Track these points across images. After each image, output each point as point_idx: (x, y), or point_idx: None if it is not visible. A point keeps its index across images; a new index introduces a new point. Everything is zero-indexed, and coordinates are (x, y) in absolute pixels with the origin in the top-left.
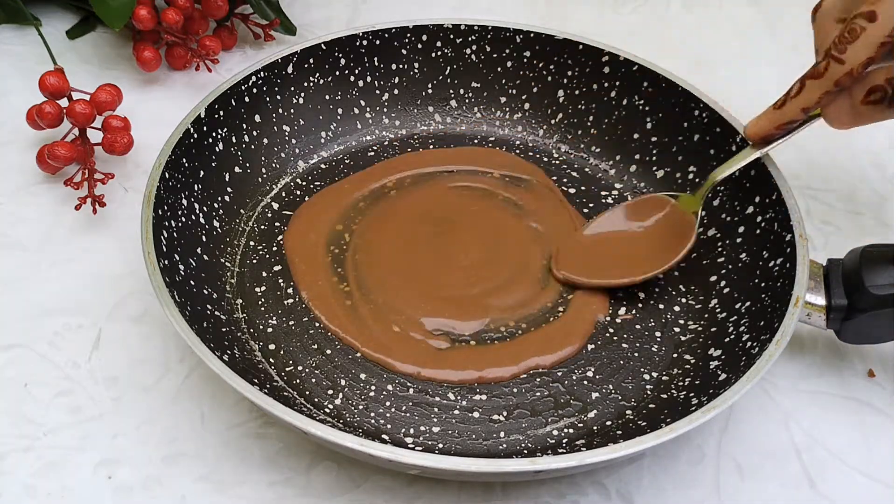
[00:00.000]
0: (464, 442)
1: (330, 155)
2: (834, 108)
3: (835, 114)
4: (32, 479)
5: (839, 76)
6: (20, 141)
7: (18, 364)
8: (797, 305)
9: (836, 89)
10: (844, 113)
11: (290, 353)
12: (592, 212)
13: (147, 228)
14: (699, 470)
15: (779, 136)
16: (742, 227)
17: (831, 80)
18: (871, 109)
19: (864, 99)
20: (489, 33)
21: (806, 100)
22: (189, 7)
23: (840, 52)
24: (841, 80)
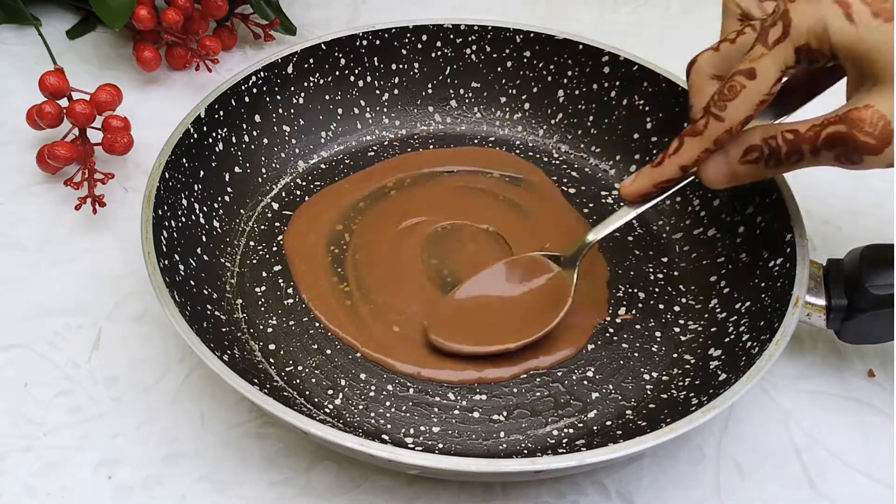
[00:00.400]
0: (464, 442)
1: (330, 155)
2: (711, 166)
3: (712, 173)
4: (32, 479)
5: (719, 134)
6: (20, 141)
7: (18, 364)
8: (797, 305)
9: (715, 148)
10: (721, 172)
11: (290, 353)
12: (592, 212)
13: (147, 228)
14: (699, 470)
15: (656, 194)
16: (742, 227)
17: (710, 138)
18: (748, 169)
19: (741, 158)
20: (489, 33)
21: (685, 158)
22: (189, 7)
23: (720, 109)
24: (720, 138)
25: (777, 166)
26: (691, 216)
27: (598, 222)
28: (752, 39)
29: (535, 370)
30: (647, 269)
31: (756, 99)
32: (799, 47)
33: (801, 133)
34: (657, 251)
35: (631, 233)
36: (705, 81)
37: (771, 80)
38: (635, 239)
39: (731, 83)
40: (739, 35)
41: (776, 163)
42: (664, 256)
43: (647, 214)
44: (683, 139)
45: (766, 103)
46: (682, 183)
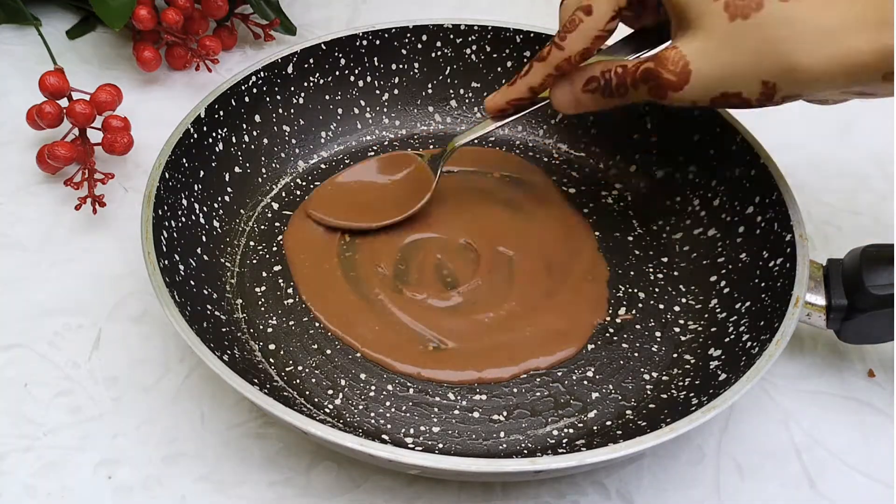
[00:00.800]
0: (464, 442)
1: (330, 155)
2: (558, 91)
3: (559, 98)
4: (32, 479)
5: (558, 61)
6: (20, 141)
7: (18, 364)
8: (797, 305)
9: (557, 73)
10: (567, 99)
11: (290, 353)
12: (592, 212)
13: (147, 228)
14: (699, 470)
15: (511, 111)
16: (742, 227)
17: (552, 64)
18: (589, 98)
19: (583, 87)
20: (489, 33)
21: (532, 80)
22: (189, 7)
23: (561, 39)
24: (560, 65)
25: (611, 97)
26: (691, 216)
27: (599, 223)
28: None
29: (535, 370)
30: (647, 269)
31: (592, 33)
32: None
33: (627, 68)
34: (657, 251)
35: (631, 233)
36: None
37: (605, 16)
38: (635, 239)
39: (572, 17)
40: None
41: (609, 93)
42: (664, 256)
43: (647, 214)
44: (532, 64)
45: (603, 39)
46: (536, 105)
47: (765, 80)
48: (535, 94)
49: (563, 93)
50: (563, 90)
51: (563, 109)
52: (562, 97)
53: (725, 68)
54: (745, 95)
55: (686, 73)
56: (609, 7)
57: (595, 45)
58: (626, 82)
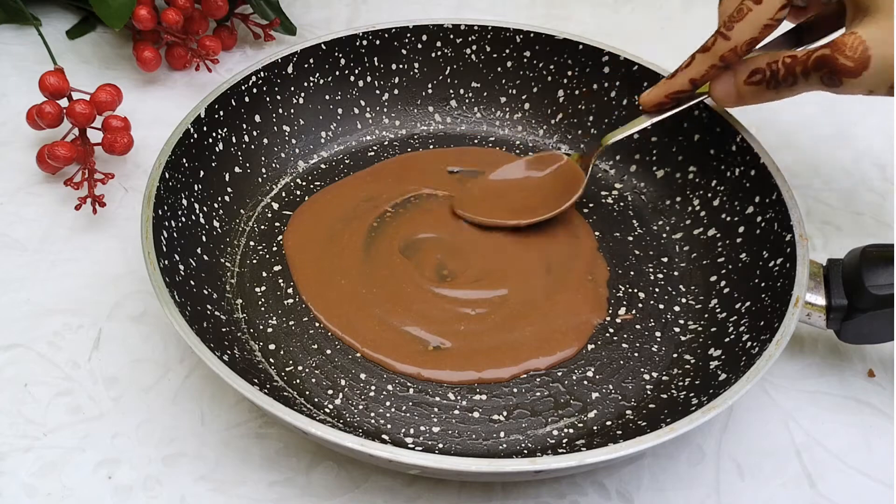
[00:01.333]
0: (464, 442)
1: (330, 155)
2: (720, 84)
3: (720, 91)
4: (32, 479)
5: (724, 52)
6: (20, 141)
7: (18, 364)
8: (797, 305)
9: (722, 64)
10: (728, 91)
11: (290, 353)
12: (592, 212)
13: (147, 228)
14: (699, 470)
15: (670, 105)
16: (742, 227)
17: (717, 54)
18: (752, 90)
19: (746, 79)
20: (489, 33)
21: (694, 72)
22: (189, 7)
23: (728, 29)
24: (726, 55)
25: (777, 88)
26: (691, 216)
27: (599, 223)
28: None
29: (535, 370)
30: (647, 269)
31: (760, 22)
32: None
33: (797, 57)
34: (657, 251)
35: (631, 233)
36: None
37: (775, 6)
38: (635, 239)
39: (740, 6)
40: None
41: (776, 84)
42: (664, 256)
43: (647, 214)
44: (694, 56)
45: (771, 28)
46: (695, 100)
47: None
48: (696, 87)
49: (724, 85)
50: (725, 83)
51: (724, 103)
52: (723, 90)
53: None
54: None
55: (865, 59)
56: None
57: (763, 34)
58: (797, 71)
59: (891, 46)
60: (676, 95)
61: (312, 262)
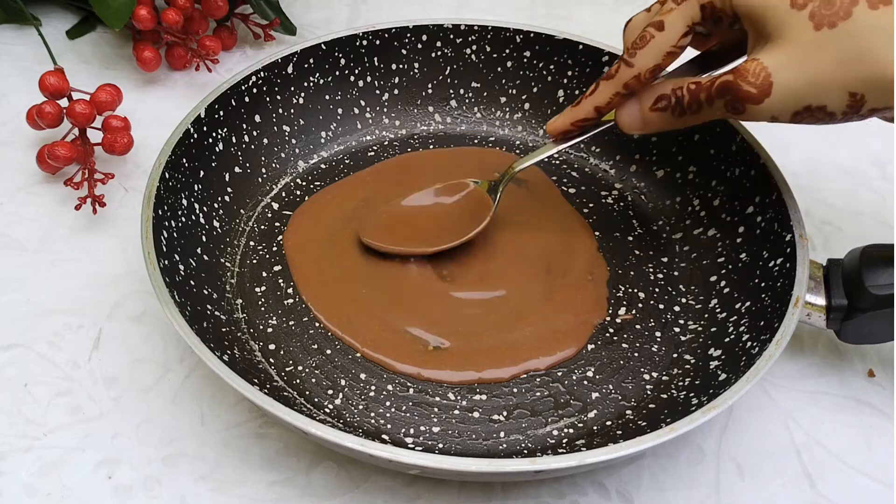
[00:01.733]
0: (464, 442)
1: (330, 155)
2: (625, 111)
3: (625, 118)
4: (32, 479)
5: (628, 79)
6: (20, 141)
7: (18, 364)
8: (797, 305)
9: (626, 92)
10: (634, 118)
11: (290, 353)
12: (592, 212)
13: (147, 228)
14: (699, 470)
15: (576, 133)
16: (742, 227)
17: (620, 81)
18: (657, 117)
19: (651, 106)
20: (489, 33)
21: (599, 99)
22: (189, 7)
23: (631, 56)
24: (629, 83)
25: (682, 115)
26: (691, 216)
27: (599, 223)
28: None
29: (534, 370)
30: (647, 269)
31: (663, 49)
32: (703, 4)
33: (700, 83)
34: (657, 251)
35: (631, 233)
36: (634, 35)
37: (678, 33)
38: (635, 239)
39: (642, 33)
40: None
41: (680, 112)
42: (664, 256)
43: (647, 214)
44: (599, 83)
45: (675, 55)
46: (601, 127)
47: (852, 91)
48: (601, 114)
49: (630, 113)
50: (630, 110)
51: (630, 130)
52: (628, 117)
53: (810, 79)
54: (829, 108)
55: (767, 86)
56: (682, 22)
57: (666, 61)
58: (701, 98)
59: (792, 72)
60: (582, 123)
61: (312, 262)
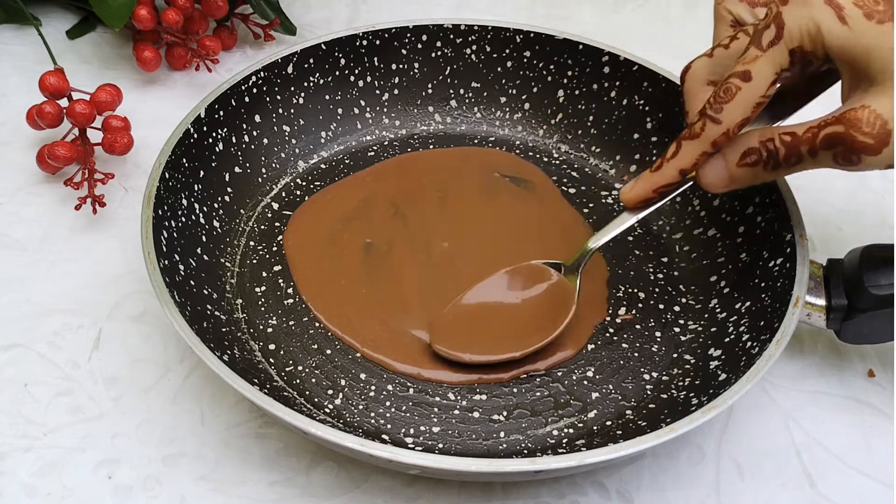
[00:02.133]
0: (464, 442)
1: (330, 155)
2: (710, 170)
3: (711, 177)
4: (32, 479)
5: (716, 136)
6: (20, 141)
7: (18, 364)
8: (797, 305)
9: (713, 150)
10: (720, 176)
11: (290, 353)
12: (592, 212)
13: (147, 228)
14: (699, 470)
15: (656, 200)
16: (742, 227)
17: (708, 140)
18: (747, 173)
19: (739, 162)
20: (489, 33)
21: (683, 161)
22: (189, 7)
23: (716, 111)
24: (718, 140)
25: (776, 169)
26: (691, 216)
27: (599, 223)
28: (746, 44)
29: (534, 370)
30: (647, 269)
31: (752, 101)
32: (793, 49)
33: (798, 135)
34: (657, 251)
35: (631, 233)
36: (700, 87)
37: (766, 81)
38: (635, 239)
39: (726, 85)
40: (733, 40)
41: (774, 165)
42: (664, 256)
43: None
44: (681, 143)
45: (763, 106)
46: (682, 188)
47: None
48: (685, 175)
49: (715, 171)
50: (715, 167)
51: (716, 189)
52: (714, 176)
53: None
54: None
55: (885, 134)
56: (771, 70)
57: (755, 113)
58: (801, 151)
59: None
60: (664, 189)
61: (312, 262)
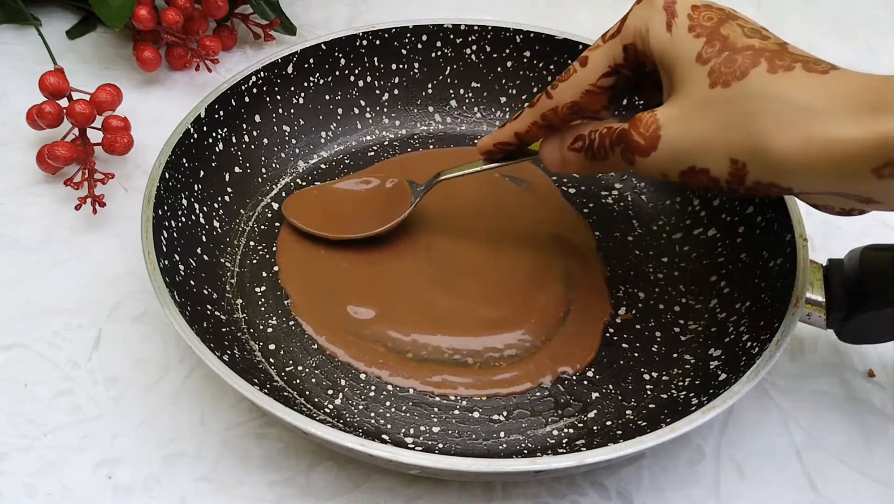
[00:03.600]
0: (464, 442)
1: (330, 155)
2: (547, 146)
3: (546, 152)
4: (32, 479)
5: (545, 110)
6: (20, 141)
7: (18, 364)
8: (797, 305)
9: (543, 123)
10: (554, 154)
11: (290, 353)
12: (592, 212)
13: (147, 228)
14: (699, 470)
15: (499, 156)
16: (742, 227)
17: (539, 111)
18: (574, 158)
19: (570, 145)
20: (489, 33)
21: (518, 125)
22: (189, 7)
23: (552, 88)
24: (547, 114)
25: (594, 160)
26: (691, 216)
27: (599, 223)
28: None
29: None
30: (647, 269)
31: (582, 86)
32: (626, 45)
33: (611, 128)
34: (657, 251)
35: (631, 233)
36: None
37: (599, 70)
38: (635, 239)
39: (570, 66)
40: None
41: (592, 155)
42: (664, 256)
43: (647, 214)
44: (523, 109)
45: (594, 96)
46: (527, 157)
47: (733, 158)
48: (522, 142)
49: (551, 148)
50: (552, 145)
51: (549, 165)
52: (549, 153)
53: (695, 138)
54: (713, 174)
55: (655, 138)
56: (604, 61)
57: (584, 100)
58: (605, 144)
59: (680, 128)
60: (504, 146)
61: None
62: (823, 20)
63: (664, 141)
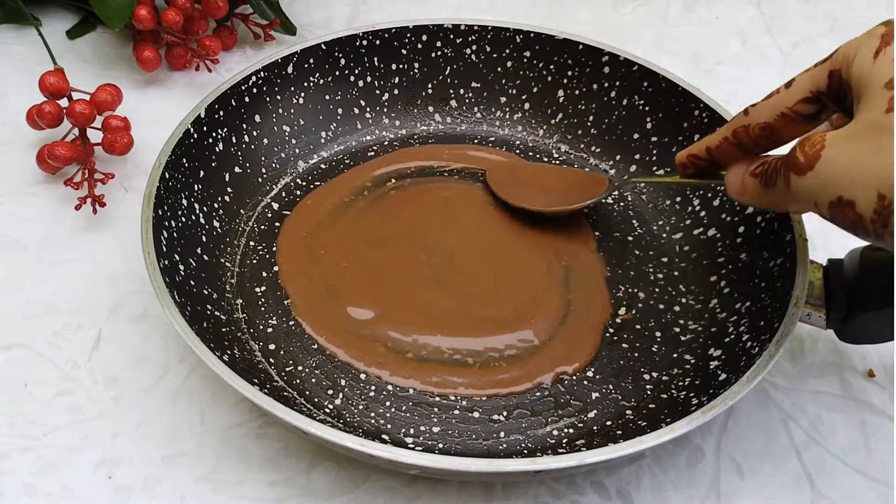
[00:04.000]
0: (464, 442)
1: (330, 155)
2: (732, 169)
3: (730, 175)
4: (32, 479)
5: (738, 126)
6: (20, 141)
7: (18, 364)
8: (797, 305)
9: (734, 140)
10: (735, 178)
11: (290, 353)
12: (592, 212)
13: (147, 228)
14: (699, 470)
15: (691, 170)
16: (742, 227)
17: (732, 126)
18: (751, 183)
19: (752, 170)
20: (489, 33)
21: (710, 140)
22: (189, 7)
23: (753, 105)
24: (738, 130)
25: (766, 186)
26: (691, 216)
27: (599, 223)
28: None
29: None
30: (647, 269)
31: (780, 107)
32: (832, 70)
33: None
34: (657, 251)
35: (631, 233)
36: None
37: (800, 94)
38: (635, 239)
39: (779, 87)
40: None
41: (765, 182)
42: (664, 256)
43: (647, 214)
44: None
45: (790, 120)
46: (715, 180)
47: (881, 192)
48: (712, 157)
49: (735, 171)
50: (737, 169)
51: (729, 189)
52: (733, 176)
53: (848, 164)
54: (858, 208)
55: (815, 158)
56: (808, 85)
57: (778, 123)
58: (776, 165)
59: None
60: (694, 160)
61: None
62: (823, 20)
63: (822, 162)
